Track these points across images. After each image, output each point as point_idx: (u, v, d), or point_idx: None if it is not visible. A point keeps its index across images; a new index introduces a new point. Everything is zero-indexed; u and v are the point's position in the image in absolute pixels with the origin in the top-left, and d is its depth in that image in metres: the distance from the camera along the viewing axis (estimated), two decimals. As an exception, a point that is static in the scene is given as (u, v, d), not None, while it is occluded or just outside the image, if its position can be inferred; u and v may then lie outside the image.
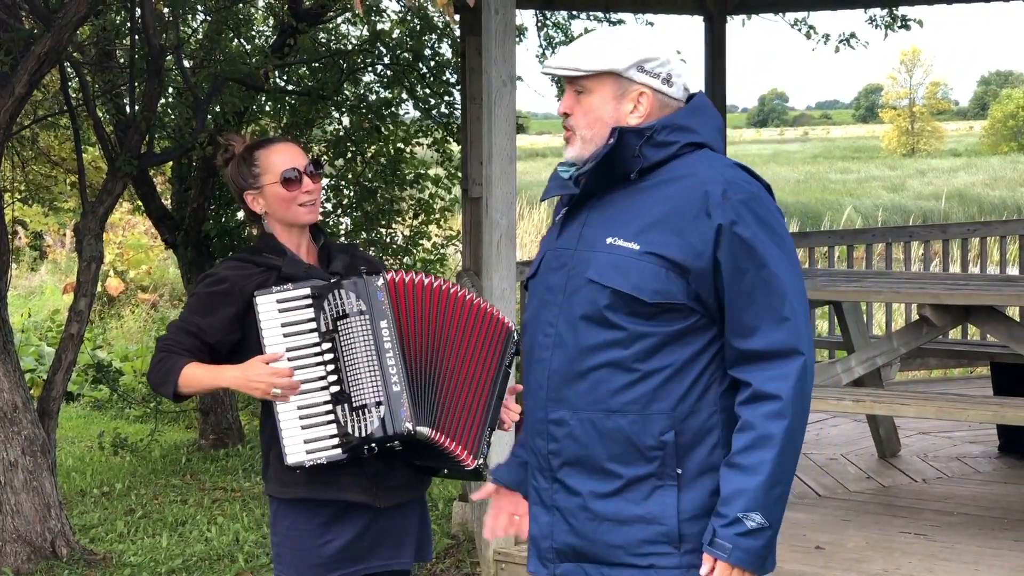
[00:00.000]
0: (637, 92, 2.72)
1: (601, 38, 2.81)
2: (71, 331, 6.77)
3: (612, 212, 2.72)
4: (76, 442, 10.11)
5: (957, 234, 9.76)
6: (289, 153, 3.51)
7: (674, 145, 2.70)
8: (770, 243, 2.64)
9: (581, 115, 2.75)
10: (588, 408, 2.69)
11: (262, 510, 7.30)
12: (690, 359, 2.66)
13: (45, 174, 10.62)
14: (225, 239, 9.03)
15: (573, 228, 2.78)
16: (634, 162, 2.69)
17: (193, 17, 8.92)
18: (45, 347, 13.05)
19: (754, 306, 2.62)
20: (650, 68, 2.72)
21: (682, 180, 2.67)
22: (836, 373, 6.29)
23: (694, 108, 2.78)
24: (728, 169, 2.70)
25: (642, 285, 2.62)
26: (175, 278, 16.30)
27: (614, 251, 2.67)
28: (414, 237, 9.82)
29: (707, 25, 9.22)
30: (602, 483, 2.69)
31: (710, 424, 2.66)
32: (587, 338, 2.68)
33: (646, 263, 2.63)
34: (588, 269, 2.70)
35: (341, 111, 9.64)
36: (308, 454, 3.26)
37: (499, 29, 5.02)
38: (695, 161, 2.70)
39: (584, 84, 2.73)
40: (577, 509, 2.72)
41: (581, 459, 2.70)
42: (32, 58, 5.99)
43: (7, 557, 6.19)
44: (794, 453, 2.64)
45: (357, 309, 3.29)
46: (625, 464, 2.66)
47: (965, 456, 6.88)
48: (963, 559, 5.20)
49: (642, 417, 2.65)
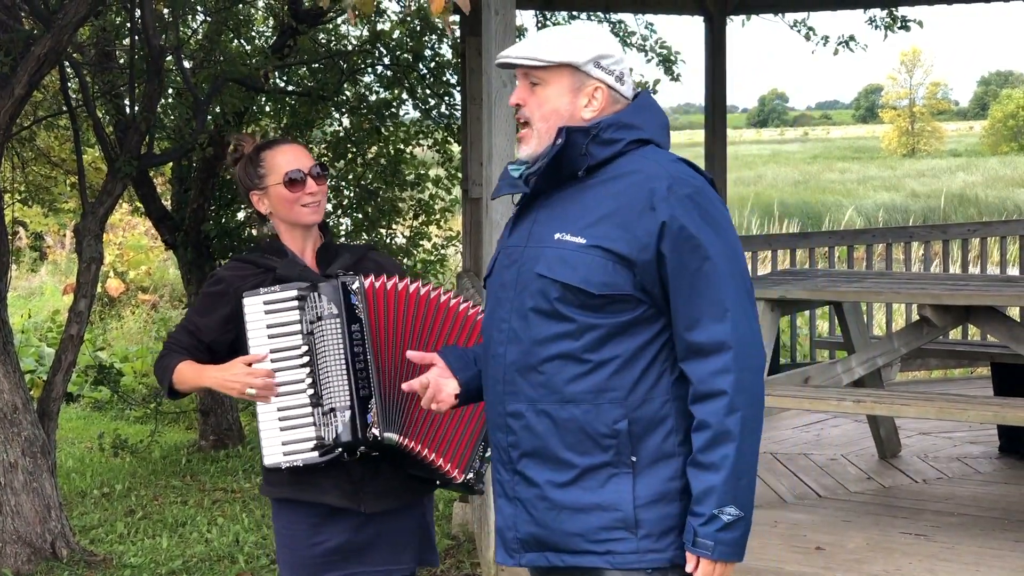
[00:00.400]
0: (593, 87, 2.79)
1: (561, 32, 2.86)
2: (71, 332, 6.76)
3: (560, 209, 2.78)
4: (76, 443, 10.11)
5: (957, 234, 9.76)
6: (294, 154, 3.52)
7: (620, 143, 2.76)
8: (713, 236, 2.69)
9: (536, 106, 2.81)
10: (543, 399, 2.75)
11: (262, 511, 7.30)
12: (640, 348, 2.72)
13: (45, 175, 10.62)
14: (225, 240, 9.03)
15: (523, 226, 2.85)
16: (581, 160, 2.76)
17: (193, 18, 8.91)
18: (45, 348, 13.05)
19: (697, 299, 2.68)
20: (606, 65, 2.80)
21: (628, 176, 2.74)
22: (837, 373, 6.29)
23: (639, 106, 2.84)
24: (673, 164, 2.75)
25: (589, 278, 2.69)
26: (175, 279, 16.30)
27: (562, 246, 2.73)
28: (414, 238, 9.82)
29: (707, 25, 9.22)
30: (559, 473, 2.75)
31: (663, 412, 2.72)
32: (539, 331, 2.75)
33: (593, 256, 2.69)
34: (537, 264, 2.76)
35: (341, 112, 9.64)
36: (285, 456, 3.30)
37: (499, 30, 5.02)
38: (641, 157, 2.76)
39: (541, 76, 2.79)
40: (536, 499, 2.78)
41: (538, 450, 2.77)
42: (32, 59, 5.99)
43: (7, 558, 6.19)
44: (754, 441, 2.71)
45: (329, 312, 3.32)
46: (581, 453, 2.73)
47: (966, 457, 6.88)
48: (964, 560, 5.19)
49: (595, 407, 2.71)
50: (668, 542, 2.73)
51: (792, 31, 10.24)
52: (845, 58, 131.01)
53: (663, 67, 10.41)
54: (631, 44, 10.35)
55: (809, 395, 5.71)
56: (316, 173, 3.50)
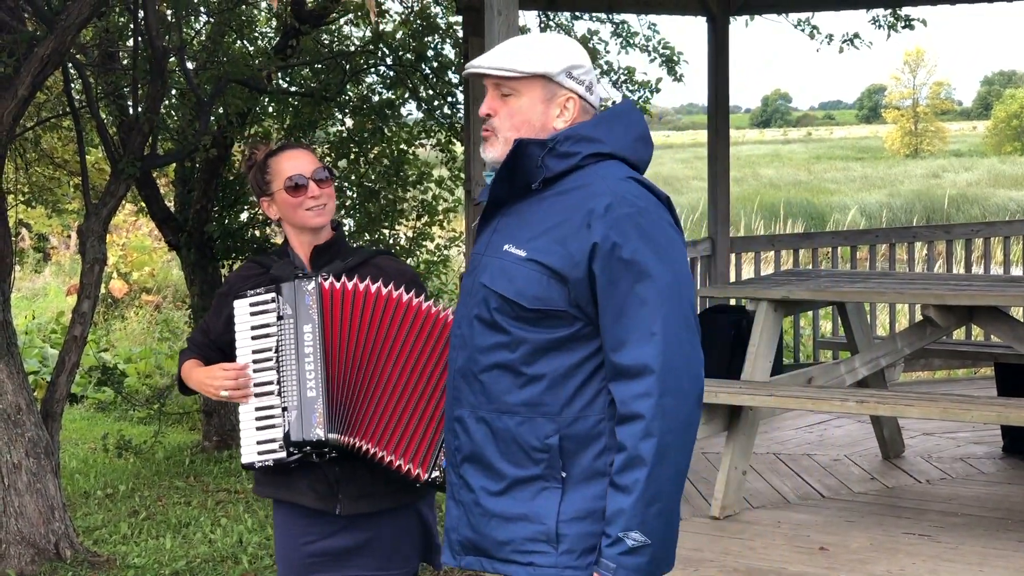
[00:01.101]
0: (565, 97, 2.79)
1: (533, 42, 2.84)
2: (75, 333, 6.76)
3: (516, 220, 2.78)
4: (80, 444, 10.11)
5: (961, 234, 9.75)
6: (297, 160, 3.55)
7: (576, 156, 2.74)
8: (652, 259, 2.65)
9: (507, 117, 2.80)
10: (481, 407, 2.77)
11: (265, 512, 7.30)
12: (576, 365, 2.71)
13: (48, 175, 10.63)
14: (228, 241, 9.03)
15: (485, 234, 2.86)
16: (536, 172, 2.74)
17: (196, 19, 8.92)
18: (49, 349, 13.06)
19: (625, 320, 2.65)
20: (577, 75, 2.79)
21: (577, 191, 2.71)
22: (840, 374, 6.29)
23: (606, 117, 2.82)
24: (621, 183, 2.71)
25: (524, 291, 2.69)
26: (179, 280, 16.30)
27: (506, 257, 2.74)
28: (417, 238, 9.81)
29: (710, 26, 9.22)
30: (493, 481, 2.77)
31: (597, 430, 2.70)
32: (481, 340, 2.77)
33: (529, 269, 2.69)
34: (484, 274, 2.78)
35: (344, 112, 9.64)
36: (259, 455, 3.37)
37: (502, 30, 5.03)
38: (593, 173, 2.73)
39: (513, 86, 2.79)
40: (473, 504, 2.80)
41: (476, 456, 2.79)
42: (35, 60, 5.99)
43: (11, 559, 6.19)
44: (671, 470, 2.67)
45: (286, 313, 3.37)
46: (514, 464, 2.74)
47: (969, 457, 6.87)
48: (968, 560, 5.19)
49: (529, 420, 2.72)
50: (590, 560, 2.71)
51: (795, 31, 10.23)
52: (848, 58, 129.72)
53: (666, 67, 10.41)
54: (634, 44, 10.34)
55: (812, 396, 5.72)
56: (320, 177, 3.51)
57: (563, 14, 10.38)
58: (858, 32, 10.01)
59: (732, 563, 5.25)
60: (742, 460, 5.92)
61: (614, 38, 10.43)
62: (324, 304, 3.36)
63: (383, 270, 3.52)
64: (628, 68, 10.48)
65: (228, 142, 8.83)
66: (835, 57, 27.78)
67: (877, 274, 7.21)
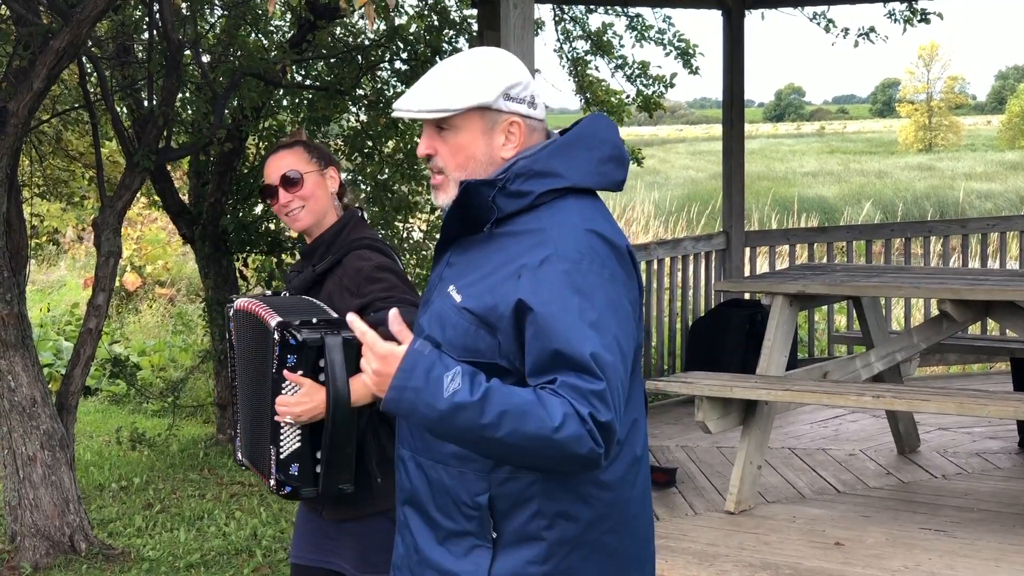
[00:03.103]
0: (507, 122, 2.55)
1: (460, 69, 2.58)
2: (89, 326, 6.77)
3: (466, 258, 2.57)
4: (94, 436, 10.13)
5: (976, 229, 9.72)
6: (276, 162, 3.56)
7: (529, 195, 2.50)
8: (572, 316, 2.38)
9: (450, 156, 2.57)
10: (420, 453, 2.60)
11: (280, 505, 7.31)
12: None
13: (63, 168, 10.65)
14: (242, 234, 9.03)
15: (439, 266, 2.65)
16: (488, 213, 2.51)
17: (211, 12, 8.92)
18: (63, 342, 13.08)
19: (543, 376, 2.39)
20: (515, 94, 2.56)
21: (529, 235, 2.48)
22: (855, 368, 6.27)
23: (564, 144, 2.56)
24: (573, 234, 2.45)
25: (453, 340, 2.48)
26: (193, 273, 16.32)
27: (446, 300, 2.53)
28: (431, 232, 9.80)
29: (725, 19, 9.19)
30: (430, 529, 2.61)
31: (529, 493, 2.49)
32: None
33: (460, 318, 2.48)
34: (425, 314, 2.60)
35: (358, 106, 9.63)
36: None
37: (517, 24, 5.02)
38: (550, 216, 2.49)
39: (450, 122, 2.56)
40: (413, 549, 2.65)
41: (415, 500, 2.63)
42: (50, 53, 6.00)
43: (26, 552, 6.20)
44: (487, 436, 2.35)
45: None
46: (446, 516, 2.57)
47: (985, 452, 6.85)
48: (984, 555, 5.18)
49: (460, 474, 2.53)
50: None
51: (811, 24, 10.21)
52: (862, 53, 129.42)
53: (681, 60, 10.38)
54: (649, 38, 10.32)
55: (828, 390, 5.70)
56: (289, 182, 3.50)
57: (577, 7, 10.36)
58: (874, 26, 9.99)
59: (747, 558, 5.24)
60: (757, 455, 5.91)
61: (629, 31, 10.42)
62: (234, 326, 3.51)
63: (344, 272, 3.43)
64: (643, 63, 10.46)
65: (243, 135, 8.83)
66: (849, 51, 27.78)
67: (893, 268, 7.19)
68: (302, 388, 3.22)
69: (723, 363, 7.78)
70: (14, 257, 6.32)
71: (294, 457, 3.28)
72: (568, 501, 2.50)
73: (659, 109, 10.61)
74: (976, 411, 5.38)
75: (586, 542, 2.52)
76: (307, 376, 3.22)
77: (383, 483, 3.35)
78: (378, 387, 2.44)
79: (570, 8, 10.40)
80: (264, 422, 3.33)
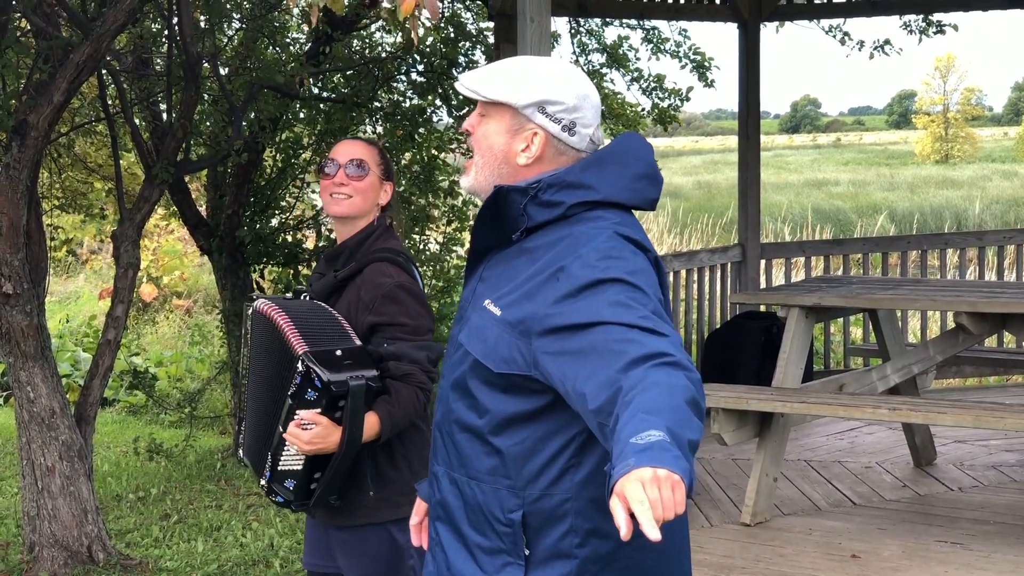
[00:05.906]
0: (531, 132, 2.54)
1: (515, 67, 2.60)
2: (108, 337, 6.81)
3: (498, 271, 2.55)
4: (112, 447, 10.17)
5: (993, 241, 9.71)
6: (346, 147, 3.62)
7: (561, 206, 2.48)
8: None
9: (480, 138, 2.60)
10: (454, 468, 2.60)
11: (296, 515, 7.33)
12: (542, 439, 2.48)
13: (82, 180, 10.70)
14: (259, 245, 9.07)
15: (472, 281, 2.65)
16: (518, 221, 2.51)
17: (229, 25, 8.97)
18: (81, 352, 13.14)
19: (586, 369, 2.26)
20: (552, 111, 2.53)
21: (560, 243, 2.46)
22: (871, 381, 6.27)
23: (597, 159, 2.54)
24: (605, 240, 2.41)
25: (493, 353, 2.46)
26: (209, 284, 16.38)
27: (484, 314, 2.51)
28: (447, 244, 9.83)
29: (741, 32, 9.21)
30: (461, 546, 2.59)
31: (563, 511, 2.47)
32: (454, 400, 2.59)
33: (500, 330, 2.45)
34: (464, 329, 2.58)
35: (375, 118, 9.67)
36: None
37: (534, 37, 5.04)
38: (582, 225, 2.46)
39: (487, 108, 2.59)
40: (443, 567, 2.64)
41: (448, 517, 2.63)
42: (71, 66, 6.04)
43: (44, 562, 6.23)
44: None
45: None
46: (479, 532, 2.56)
47: (1001, 465, 6.84)
48: (1000, 568, 5.17)
49: (494, 490, 2.52)
50: None
51: (827, 36, 10.22)
52: (878, 64, 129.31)
53: (697, 73, 10.41)
54: (665, 50, 10.35)
55: (844, 402, 5.70)
56: (351, 170, 3.56)
57: (593, 20, 10.39)
58: (889, 39, 10.02)
59: (763, 570, 5.24)
60: (773, 467, 5.91)
61: (644, 44, 10.45)
62: (251, 326, 3.51)
63: (364, 283, 3.45)
64: (658, 75, 10.48)
65: (260, 148, 8.87)
66: (865, 63, 27.50)
67: (909, 281, 7.19)
68: (317, 426, 3.23)
69: (739, 375, 7.78)
70: (34, 269, 6.36)
71: (292, 474, 3.33)
72: (601, 518, 2.45)
73: (674, 122, 10.64)
74: (992, 424, 5.38)
75: (618, 559, 2.49)
76: (324, 413, 3.22)
77: (377, 496, 3.40)
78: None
79: (586, 21, 10.43)
80: (270, 435, 3.35)
